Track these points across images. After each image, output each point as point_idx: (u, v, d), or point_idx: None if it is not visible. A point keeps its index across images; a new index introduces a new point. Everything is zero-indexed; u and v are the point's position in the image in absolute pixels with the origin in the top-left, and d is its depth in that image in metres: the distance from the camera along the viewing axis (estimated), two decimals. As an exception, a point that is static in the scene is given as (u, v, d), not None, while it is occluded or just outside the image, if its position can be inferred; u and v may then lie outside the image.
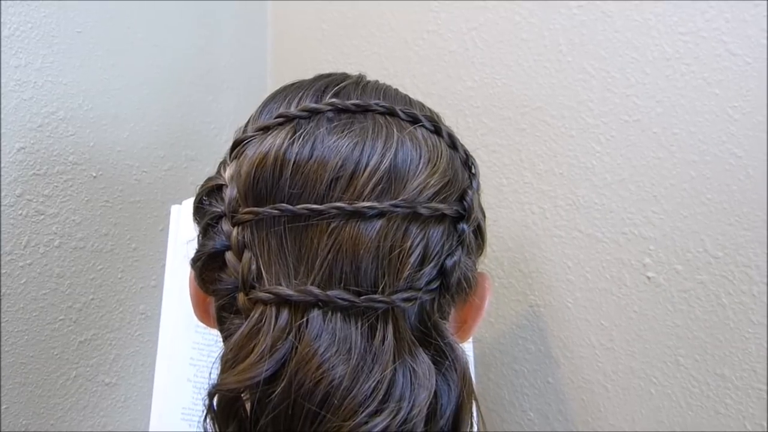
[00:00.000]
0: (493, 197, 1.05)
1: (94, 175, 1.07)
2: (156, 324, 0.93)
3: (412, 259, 0.51)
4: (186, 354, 0.88)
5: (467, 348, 0.90)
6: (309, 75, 0.64)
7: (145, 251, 1.16)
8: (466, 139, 1.06)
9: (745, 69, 0.84)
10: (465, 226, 0.55)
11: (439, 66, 1.11)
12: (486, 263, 1.07)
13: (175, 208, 0.90)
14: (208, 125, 1.25)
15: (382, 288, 0.50)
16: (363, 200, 0.50)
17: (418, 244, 0.51)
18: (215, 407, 0.50)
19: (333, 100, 0.55)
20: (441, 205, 0.53)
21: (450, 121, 1.08)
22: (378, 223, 0.50)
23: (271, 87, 1.30)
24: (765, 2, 0.82)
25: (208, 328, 0.62)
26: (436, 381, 0.50)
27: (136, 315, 1.16)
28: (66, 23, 1.01)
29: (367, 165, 0.51)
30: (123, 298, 1.14)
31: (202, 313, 0.61)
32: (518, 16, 1.01)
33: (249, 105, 0.62)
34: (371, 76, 0.64)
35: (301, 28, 1.28)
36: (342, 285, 0.50)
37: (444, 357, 0.52)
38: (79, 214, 1.06)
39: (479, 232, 0.59)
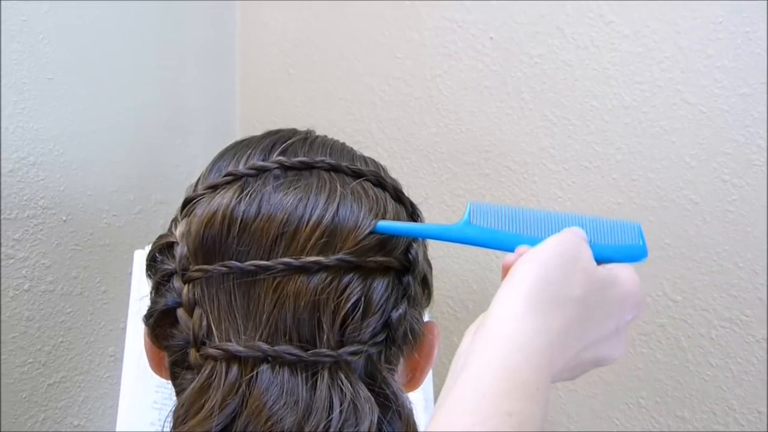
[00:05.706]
0: (459, 241, 1.06)
1: (64, 219, 1.07)
2: (124, 367, 0.93)
3: (352, 312, 0.52)
4: (149, 398, 0.88)
5: (426, 389, 0.91)
6: (277, 118, 0.65)
7: (115, 294, 1.16)
8: (430, 184, 1.08)
9: (700, 118, 0.87)
10: (410, 279, 0.56)
11: (405, 112, 1.12)
12: (450, 305, 1.09)
13: (138, 253, 0.91)
14: (176, 168, 1.26)
15: (327, 341, 0.51)
16: (306, 254, 0.51)
17: (359, 297, 0.52)
18: None
19: (280, 158, 0.56)
20: (385, 258, 0.54)
21: (415, 166, 1.10)
22: (316, 277, 0.51)
23: (240, 129, 1.31)
24: (721, 53, 0.85)
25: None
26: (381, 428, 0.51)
27: (106, 357, 1.16)
28: (38, 71, 1.02)
29: (309, 219, 0.52)
30: (92, 340, 1.14)
31: (157, 367, 0.62)
32: (481, 64, 1.03)
33: (217, 147, 0.62)
34: (338, 121, 0.65)
35: (268, 71, 1.29)
36: (287, 338, 0.51)
37: (389, 404, 0.53)
38: (49, 258, 1.06)
39: (425, 283, 0.60)
